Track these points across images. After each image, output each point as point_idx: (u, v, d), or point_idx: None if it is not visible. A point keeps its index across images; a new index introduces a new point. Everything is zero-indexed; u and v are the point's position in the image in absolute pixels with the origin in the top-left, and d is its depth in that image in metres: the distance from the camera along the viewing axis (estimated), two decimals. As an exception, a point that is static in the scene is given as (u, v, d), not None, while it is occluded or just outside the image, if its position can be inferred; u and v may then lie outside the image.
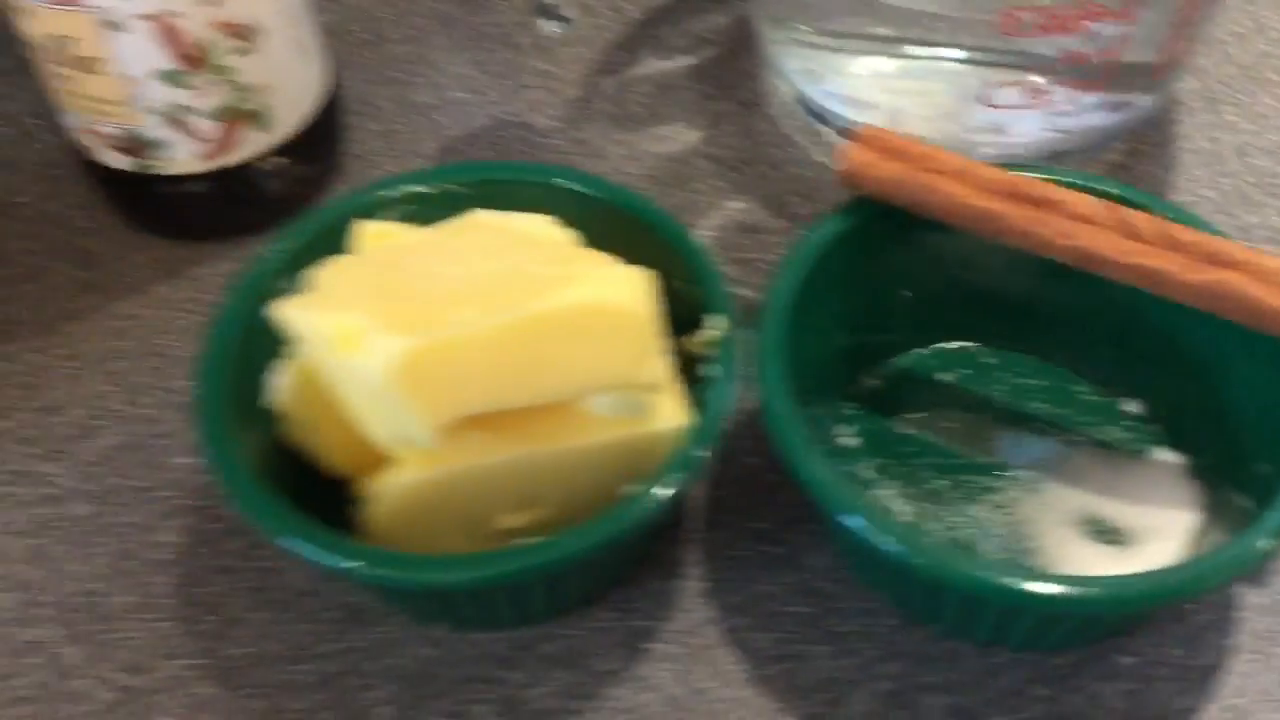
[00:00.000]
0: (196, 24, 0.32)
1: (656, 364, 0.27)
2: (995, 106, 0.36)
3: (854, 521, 0.26)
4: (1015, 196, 0.29)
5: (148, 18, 0.32)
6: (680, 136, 0.41)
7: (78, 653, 0.30)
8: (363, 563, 0.26)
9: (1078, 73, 0.35)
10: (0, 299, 0.37)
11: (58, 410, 0.35)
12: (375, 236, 0.30)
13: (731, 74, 0.43)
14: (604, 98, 0.42)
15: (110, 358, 0.36)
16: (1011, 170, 0.30)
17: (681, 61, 0.43)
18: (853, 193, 0.31)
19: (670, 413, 0.28)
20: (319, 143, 0.38)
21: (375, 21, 0.45)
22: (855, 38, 0.37)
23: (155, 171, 0.35)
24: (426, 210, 0.31)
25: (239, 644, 0.30)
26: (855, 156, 0.30)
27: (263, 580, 0.31)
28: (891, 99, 0.38)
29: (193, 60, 0.33)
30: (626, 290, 0.26)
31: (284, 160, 0.37)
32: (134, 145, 0.35)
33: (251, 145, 0.36)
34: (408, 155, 0.41)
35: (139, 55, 0.32)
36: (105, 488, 0.33)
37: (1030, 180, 0.29)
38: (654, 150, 0.40)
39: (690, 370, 0.29)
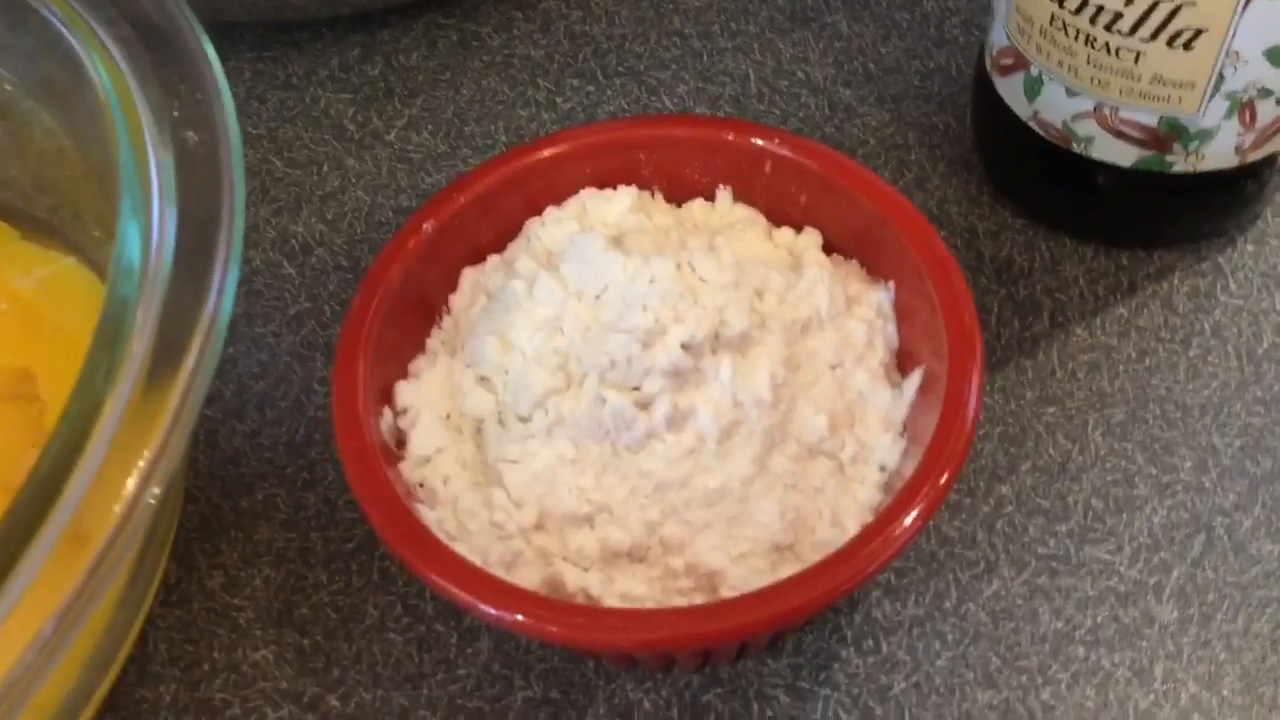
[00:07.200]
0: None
1: None
2: None
3: None
4: None
5: (1315, -23, 0.24)
6: None
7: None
8: None
9: None
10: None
11: (1065, 473, 0.28)
12: None
13: None
14: None
15: (1097, 404, 0.29)
16: None
17: None
18: None
19: None
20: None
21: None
22: None
23: (1168, 169, 0.28)
24: None
25: None
26: None
27: None
28: None
29: (1317, 31, 0.25)
30: None
31: (1297, 149, 0.29)
32: (1161, 137, 0.27)
33: (1291, 134, 0.28)
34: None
35: (1268, 27, 0.25)
36: (1189, 583, 0.26)
37: None
38: None
39: None
